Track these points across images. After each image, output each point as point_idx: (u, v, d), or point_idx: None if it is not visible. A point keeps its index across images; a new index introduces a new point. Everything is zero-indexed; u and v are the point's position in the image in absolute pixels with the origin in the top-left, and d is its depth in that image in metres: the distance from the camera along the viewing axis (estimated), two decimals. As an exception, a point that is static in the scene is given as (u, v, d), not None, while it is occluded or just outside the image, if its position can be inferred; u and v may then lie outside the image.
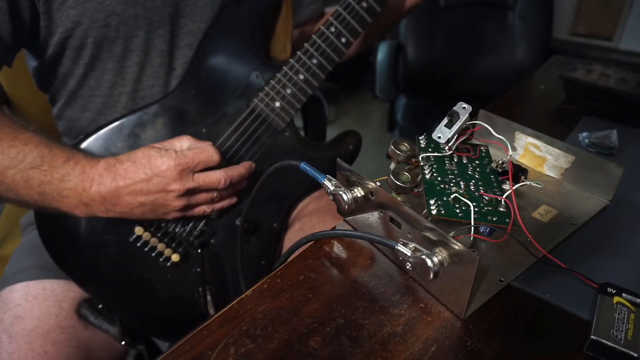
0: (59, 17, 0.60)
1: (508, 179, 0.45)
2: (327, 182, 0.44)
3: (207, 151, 0.60)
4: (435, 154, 0.48)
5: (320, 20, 0.87)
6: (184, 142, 0.62)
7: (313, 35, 0.68)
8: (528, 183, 0.47)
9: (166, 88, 0.69)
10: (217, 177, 0.61)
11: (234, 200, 0.66)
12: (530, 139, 0.54)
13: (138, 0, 0.62)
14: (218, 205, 0.65)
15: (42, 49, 0.64)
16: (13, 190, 0.56)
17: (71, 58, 0.65)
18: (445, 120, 0.47)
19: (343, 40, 0.68)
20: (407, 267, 0.38)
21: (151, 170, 0.58)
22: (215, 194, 0.63)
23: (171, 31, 0.66)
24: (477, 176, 0.46)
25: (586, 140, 0.64)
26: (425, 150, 0.49)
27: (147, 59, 0.67)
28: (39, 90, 0.73)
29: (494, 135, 0.50)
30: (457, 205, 0.42)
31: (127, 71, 0.67)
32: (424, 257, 0.35)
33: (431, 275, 0.35)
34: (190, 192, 0.60)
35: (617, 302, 0.37)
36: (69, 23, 0.61)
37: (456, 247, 0.35)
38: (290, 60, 0.68)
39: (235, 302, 0.39)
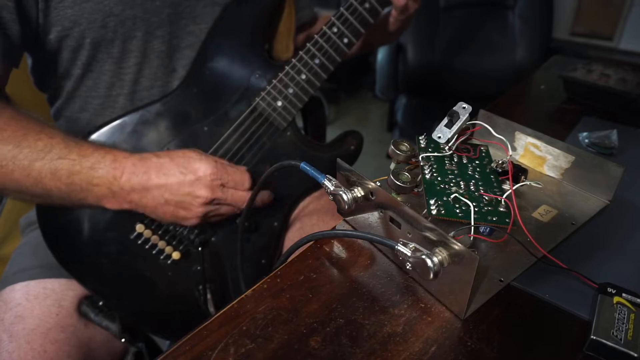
0: (55, 16, 0.60)
1: (508, 179, 0.45)
2: (327, 182, 0.44)
3: (243, 175, 0.62)
4: (435, 154, 0.48)
5: (313, 26, 0.87)
6: (222, 160, 0.63)
7: (315, 35, 0.68)
8: (528, 183, 0.47)
9: (165, 89, 0.69)
10: (244, 197, 0.62)
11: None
12: (530, 139, 0.54)
13: (136, 1, 0.62)
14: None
15: (37, 47, 0.64)
16: (40, 184, 0.56)
17: (68, 58, 0.65)
18: (445, 120, 0.47)
19: (345, 40, 0.68)
20: (407, 267, 0.38)
21: (187, 170, 0.58)
22: (235, 210, 0.63)
23: (170, 32, 0.66)
24: (477, 176, 0.46)
25: (586, 140, 0.64)
26: (425, 150, 0.49)
27: (145, 60, 0.67)
28: (38, 90, 0.73)
29: (494, 135, 0.50)
30: (457, 205, 0.42)
31: (125, 72, 0.67)
32: (424, 257, 0.35)
33: (431, 275, 0.35)
34: (214, 202, 0.61)
35: (617, 302, 0.37)
36: (66, 22, 0.60)
37: (456, 247, 0.35)
38: (293, 60, 0.68)
39: (235, 302, 0.39)
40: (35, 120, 0.58)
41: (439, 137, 0.47)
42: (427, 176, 0.45)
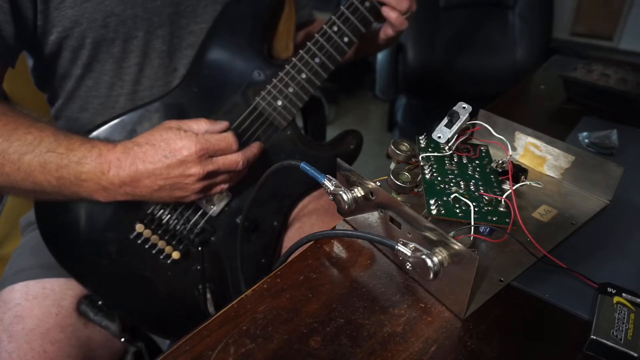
0: (56, 17, 0.60)
1: (508, 178, 0.45)
2: (327, 182, 0.44)
3: (228, 140, 0.60)
4: (435, 154, 0.48)
5: (308, 27, 0.87)
6: (201, 125, 0.61)
7: (316, 34, 0.68)
8: (528, 183, 0.47)
9: (166, 89, 0.69)
10: (235, 159, 0.61)
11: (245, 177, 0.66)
12: (530, 139, 0.54)
13: (137, 1, 0.62)
14: (233, 184, 0.65)
15: (38, 47, 0.64)
16: (30, 178, 0.56)
17: (69, 58, 0.65)
18: (445, 120, 0.47)
19: (345, 39, 0.68)
20: (407, 267, 0.38)
21: (171, 154, 0.57)
22: (232, 174, 0.63)
23: (171, 32, 0.66)
24: (477, 176, 0.46)
25: (586, 140, 0.64)
26: (425, 150, 0.49)
27: (146, 60, 0.67)
28: (38, 90, 0.73)
29: (494, 135, 0.50)
30: (457, 205, 0.42)
31: (126, 72, 0.67)
32: (424, 257, 0.35)
33: (431, 275, 0.35)
34: (208, 175, 0.60)
35: (617, 302, 0.37)
36: (67, 23, 0.60)
37: (456, 247, 0.35)
38: (293, 59, 0.68)
39: (235, 302, 0.39)
40: (26, 115, 0.58)
41: (439, 137, 0.47)
42: (427, 176, 0.45)
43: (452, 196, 0.43)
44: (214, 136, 0.60)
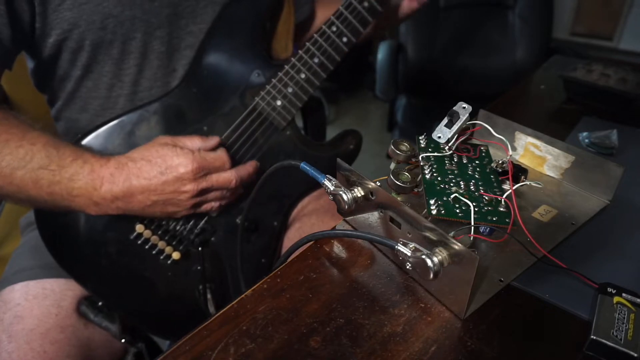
0: (54, 19, 0.60)
1: (508, 178, 0.45)
2: (327, 182, 0.44)
3: (222, 158, 0.62)
4: (435, 154, 0.48)
5: (314, 22, 0.87)
6: (195, 142, 0.62)
7: (314, 34, 0.68)
8: (528, 183, 0.47)
9: (166, 90, 0.69)
10: (229, 177, 0.62)
11: (240, 195, 0.67)
12: (530, 139, 0.54)
13: (135, 2, 0.62)
14: (225, 202, 0.65)
15: (37, 49, 0.64)
16: (23, 192, 0.56)
17: (68, 60, 0.65)
18: (445, 120, 0.47)
19: (344, 39, 0.68)
20: (407, 267, 0.38)
21: (167, 170, 0.58)
22: (225, 192, 0.63)
23: (170, 33, 0.66)
24: (477, 176, 0.46)
25: (586, 140, 0.64)
26: (425, 150, 0.49)
27: (145, 61, 0.67)
28: (38, 92, 0.73)
29: (494, 135, 0.50)
30: (457, 205, 0.42)
31: (125, 73, 0.67)
32: (424, 257, 0.35)
33: (431, 275, 0.35)
34: (202, 192, 0.61)
35: (617, 302, 0.37)
36: (65, 25, 0.60)
37: (456, 247, 0.35)
38: (292, 59, 0.68)
39: (235, 302, 0.39)
40: (17, 122, 0.57)
41: (439, 137, 0.47)
42: (427, 176, 0.45)
43: (452, 196, 0.43)
44: (210, 154, 0.61)
